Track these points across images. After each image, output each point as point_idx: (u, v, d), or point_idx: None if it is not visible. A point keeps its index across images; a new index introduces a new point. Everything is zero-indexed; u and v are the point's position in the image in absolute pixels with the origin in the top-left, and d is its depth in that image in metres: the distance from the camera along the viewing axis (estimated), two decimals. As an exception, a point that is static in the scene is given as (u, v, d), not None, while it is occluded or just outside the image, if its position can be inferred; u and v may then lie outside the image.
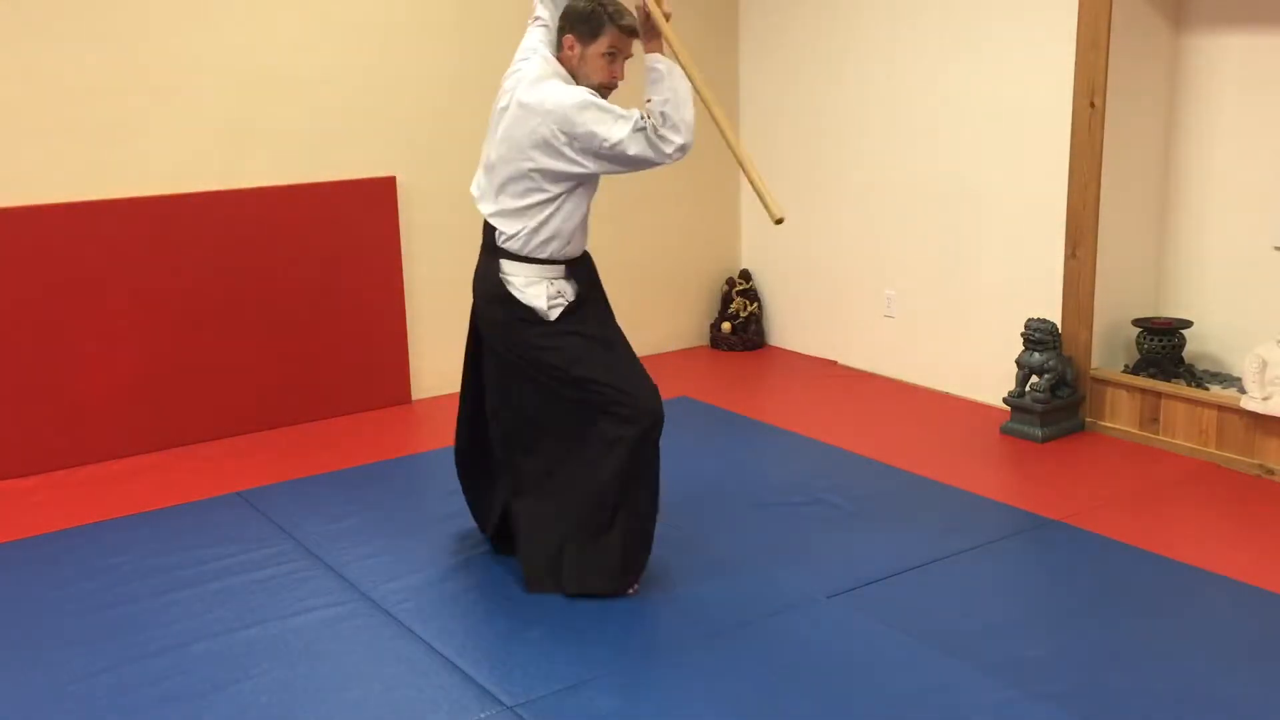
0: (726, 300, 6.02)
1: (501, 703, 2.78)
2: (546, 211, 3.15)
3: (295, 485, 4.18)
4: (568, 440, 3.24)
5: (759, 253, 6.04)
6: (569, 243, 3.23)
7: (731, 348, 5.95)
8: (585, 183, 3.20)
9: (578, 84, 3.14)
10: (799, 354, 5.87)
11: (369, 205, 4.91)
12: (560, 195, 3.14)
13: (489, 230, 3.25)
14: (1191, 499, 3.96)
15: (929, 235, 5.15)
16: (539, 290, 3.18)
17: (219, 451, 4.56)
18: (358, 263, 4.91)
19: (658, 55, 3.08)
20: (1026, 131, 4.68)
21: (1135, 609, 3.20)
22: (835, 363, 5.69)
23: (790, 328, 5.94)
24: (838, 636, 3.06)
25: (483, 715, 2.74)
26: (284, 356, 4.80)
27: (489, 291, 3.25)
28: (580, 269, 3.30)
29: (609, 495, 3.18)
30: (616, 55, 3.15)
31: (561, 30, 3.20)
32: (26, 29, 4.17)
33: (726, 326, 5.97)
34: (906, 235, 5.25)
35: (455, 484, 4.13)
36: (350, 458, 4.45)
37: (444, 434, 4.71)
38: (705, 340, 6.09)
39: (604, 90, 3.16)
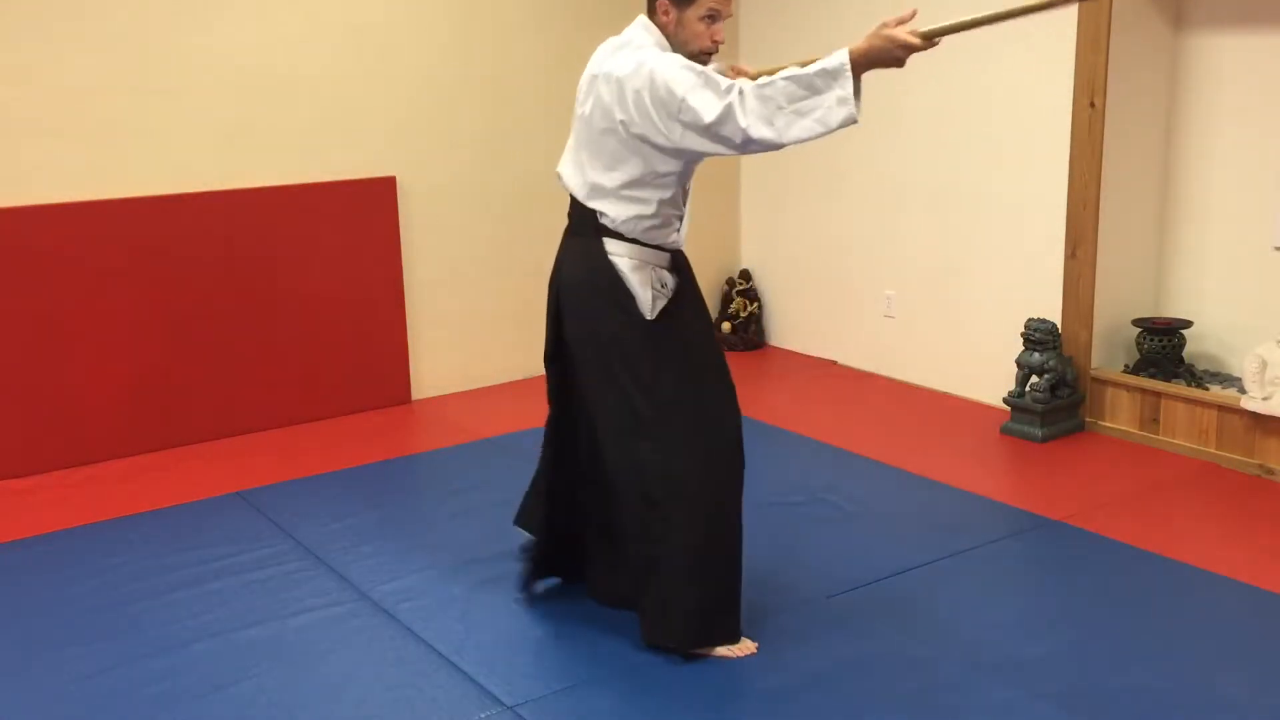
0: (726, 300, 6.02)
1: (501, 703, 2.78)
2: (646, 190, 2.85)
3: (295, 485, 4.18)
4: (652, 462, 2.92)
5: (759, 253, 6.04)
6: (675, 230, 2.97)
7: (731, 348, 5.95)
8: (683, 162, 2.87)
9: (675, 53, 2.85)
10: (799, 354, 5.87)
11: (369, 205, 4.91)
12: (658, 173, 2.84)
13: (586, 214, 2.93)
14: (1191, 499, 3.96)
15: (929, 235, 5.15)
16: (645, 276, 2.90)
17: (219, 451, 4.56)
18: (358, 263, 4.91)
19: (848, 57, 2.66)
20: (1026, 131, 4.68)
21: (1135, 609, 3.20)
22: (835, 363, 5.69)
23: (790, 328, 5.94)
24: (838, 636, 3.06)
25: (483, 715, 2.74)
26: (284, 356, 4.80)
27: (589, 278, 2.92)
28: (681, 262, 3.05)
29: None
30: (717, 17, 2.82)
31: None
32: (26, 29, 4.17)
33: (726, 326, 5.97)
34: (906, 235, 5.25)
35: (455, 484, 4.16)
36: (350, 458, 4.45)
37: (444, 434, 4.72)
38: (705, 340, 6.08)
39: (704, 57, 2.87)
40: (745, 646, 2.99)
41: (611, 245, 2.92)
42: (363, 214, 4.90)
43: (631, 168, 2.85)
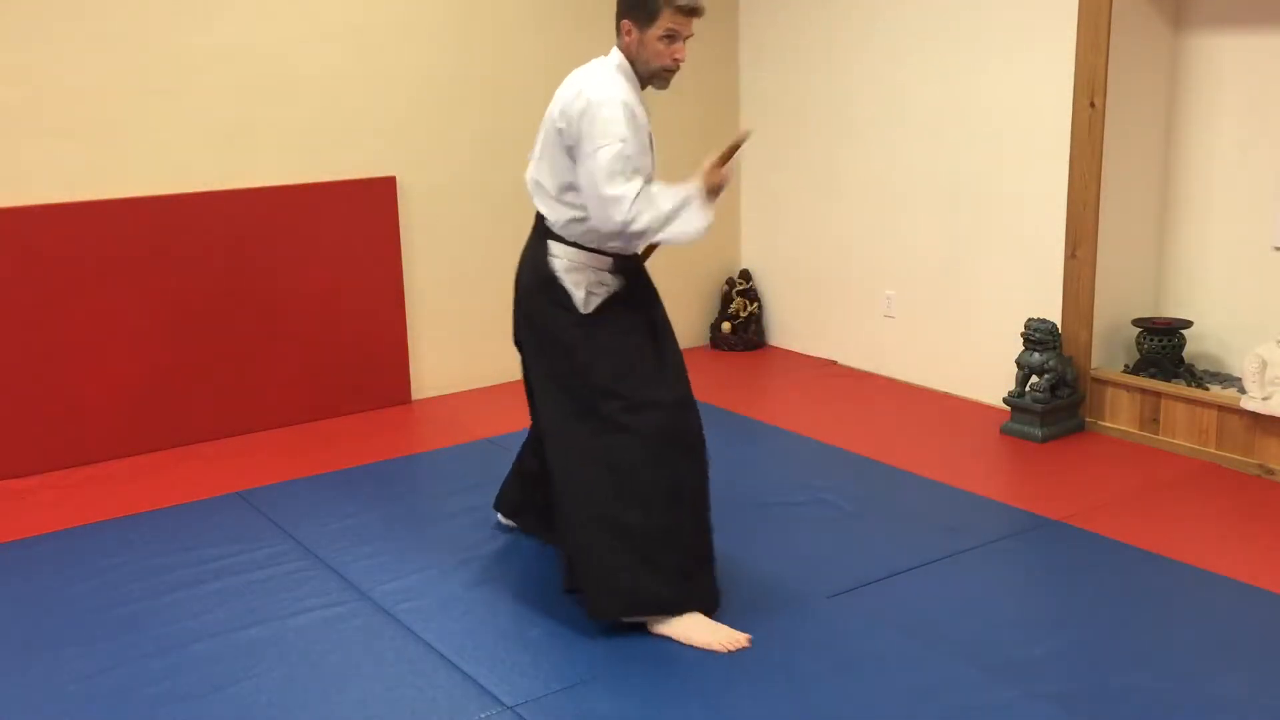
0: (726, 300, 6.02)
1: (501, 703, 2.78)
2: (580, 196, 3.05)
3: (295, 485, 4.18)
4: (591, 447, 3.09)
5: (759, 253, 6.04)
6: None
7: (731, 348, 5.95)
8: None
9: (637, 71, 3.06)
10: (799, 354, 5.87)
11: (369, 205, 4.91)
12: None
13: (538, 216, 3.20)
14: (1191, 499, 3.96)
15: (929, 235, 5.15)
16: (581, 278, 3.10)
17: (219, 451, 4.56)
18: (358, 263, 4.91)
19: (699, 188, 3.01)
20: (1026, 131, 4.69)
21: (1135, 609, 3.20)
22: (835, 363, 5.69)
23: (790, 328, 5.94)
24: (838, 636, 3.06)
25: (483, 715, 2.74)
26: (284, 356, 4.80)
27: (533, 277, 3.17)
28: (630, 266, 3.21)
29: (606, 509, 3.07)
30: (676, 37, 3.02)
31: (618, 16, 3.07)
32: (26, 29, 4.17)
33: (726, 326, 5.97)
34: (906, 235, 5.25)
35: (455, 484, 4.17)
36: (350, 458, 4.45)
37: (444, 434, 4.73)
38: (705, 340, 6.09)
39: (666, 74, 3.07)
40: (736, 639, 3.01)
41: (553, 247, 3.14)
42: (363, 214, 4.90)
43: (566, 173, 3.07)
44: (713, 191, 3.03)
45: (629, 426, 3.04)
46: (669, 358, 3.20)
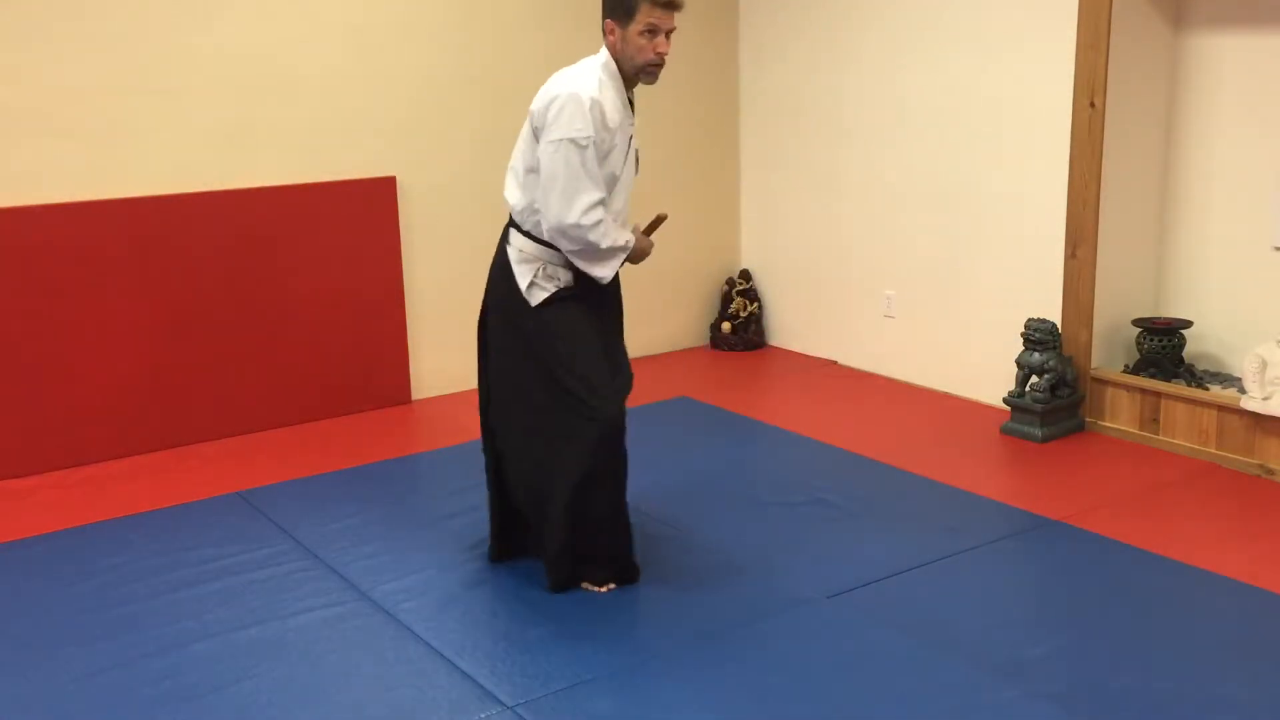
0: (726, 300, 6.02)
1: (501, 703, 2.78)
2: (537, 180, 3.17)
3: (295, 485, 4.18)
4: (536, 428, 3.26)
5: (759, 253, 6.04)
6: None
7: (731, 348, 5.95)
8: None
9: (623, 70, 3.14)
10: (799, 354, 5.87)
11: (369, 205, 4.91)
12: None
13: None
14: (1191, 499, 3.96)
15: (929, 235, 5.15)
16: (529, 269, 3.19)
17: (219, 451, 4.56)
18: (358, 263, 4.91)
19: (632, 243, 3.25)
20: (1026, 131, 4.69)
21: (1135, 609, 3.20)
22: (835, 363, 5.69)
23: (790, 328, 5.95)
24: (838, 636, 3.06)
25: (483, 715, 2.74)
26: (284, 356, 4.80)
27: (496, 263, 3.31)
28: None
29: (560, 493, 3.22)
30: (656, 31, 3.10)
31: (602, 17, 3.16)
32: (26, 29, 4.17)
33: (726, 326, 5.97)
34: (906, 235, 5.25)
35: (455, 484, 4.16)
36: (350, 458, 4.45)
37: (444, 434, 4.73)
38: (705, 340, 6.09)
39: (652, 69, 3.14)
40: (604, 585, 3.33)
41: (513, 237, 3.25)
42: (363, 214, 4.90)
43: (531, 155, 3.16)
44: (639, 254, 3.28)
45: (583, 403, 3.16)
46: (618, 360, 3.33)
